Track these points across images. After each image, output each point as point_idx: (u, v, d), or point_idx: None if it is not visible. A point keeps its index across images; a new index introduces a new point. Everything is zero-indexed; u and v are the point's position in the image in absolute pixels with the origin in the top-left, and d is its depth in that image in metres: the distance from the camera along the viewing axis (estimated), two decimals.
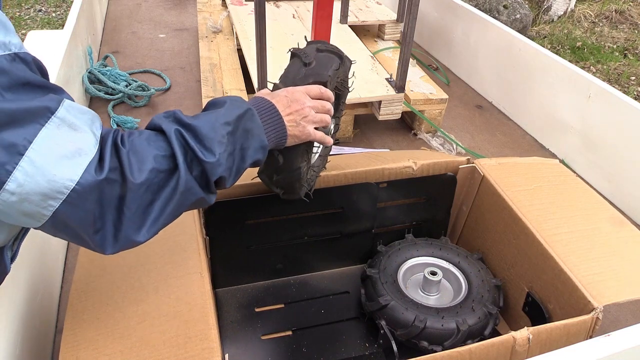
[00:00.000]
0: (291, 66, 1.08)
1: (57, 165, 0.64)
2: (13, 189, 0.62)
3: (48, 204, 0.65)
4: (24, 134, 0.62)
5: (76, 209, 0.67)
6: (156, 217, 0.74)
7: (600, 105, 2.01)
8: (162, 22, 3.35)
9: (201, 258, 1.13)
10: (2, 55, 0.61)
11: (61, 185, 0.65)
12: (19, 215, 0.66)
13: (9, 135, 0.61)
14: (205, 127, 0.77)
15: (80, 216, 0.68)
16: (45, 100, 0.65)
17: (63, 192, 0.65)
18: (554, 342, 1.02)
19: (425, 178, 1.44)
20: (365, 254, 1.48)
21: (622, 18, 4.81)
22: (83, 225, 0.69)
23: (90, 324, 0.99)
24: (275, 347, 1.27)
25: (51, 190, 0.64)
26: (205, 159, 0.76)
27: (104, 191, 0.68)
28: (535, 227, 1.25)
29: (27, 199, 0.64)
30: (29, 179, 0.62)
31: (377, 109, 2.09)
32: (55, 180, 0.64)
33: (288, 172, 1.06)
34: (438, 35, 3.03)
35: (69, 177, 0.65)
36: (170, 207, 0.75)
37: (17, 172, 0.62)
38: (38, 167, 0.63)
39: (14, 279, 1.09)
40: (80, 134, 0.67)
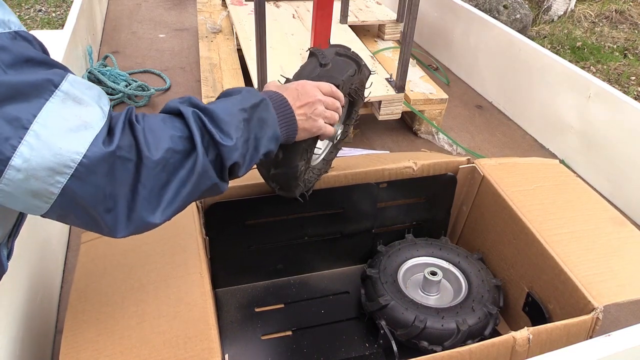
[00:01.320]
0: (307, 64, 1.08)
1: (63, 138, 0.62)
2: (19, 165, 0.60)
3: (56, 180, 0.63)
4: (28, 108, 0.60)
5: (85, 184, 0.65)
6: (171, 198, 0.73)
7: (600, 105, 2.01)
8: (162, 22, 3.35)
9: (201, 258, 1.13)
10: (3, 33, 0.61)
11: (68, 158, 0.63)
12: (27, 196, 0.63)
13: (13, 110, 0.59)
14: (222, 111, 0.76)
15: (90, 192, 0.66)
16: (48, 73, 0.63)
17: (70, 165, 0.63)
18: (554, 342, 1.02)
19: (425, 178, 1.44)
20: (365, 254, 1.48)
21: (622, 18, 4.81)
22: (93, 203, 0.67)
23: (90, 324, 0.99)
24: (275, 347, 1.27)
25: (58, 164, 0.62)
26: (223, 142, 0.75)
27: (115, 167, 0.66)
28: (535, 227, 1.25)
29: (34, 175, 0.61)
30: (35, 153, 0.61)
31: (377, 109, 2.09)
32: (62, 154, 0.62)
33: (285, 168, 1.05)
34: (438, 35, 3.03)
35: (76, 149, 0.63)
36: (186, 190, 0.73)
37: (23, 146, 0.60)
38: (43, 141, 0.61)
39: (13, 279, 1.09)
40: (86, 108, 0.66)
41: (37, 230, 1.26)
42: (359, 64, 1.12)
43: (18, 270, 1.12)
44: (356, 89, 1.14)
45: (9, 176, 0.60)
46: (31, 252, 1.23)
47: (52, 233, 1.47)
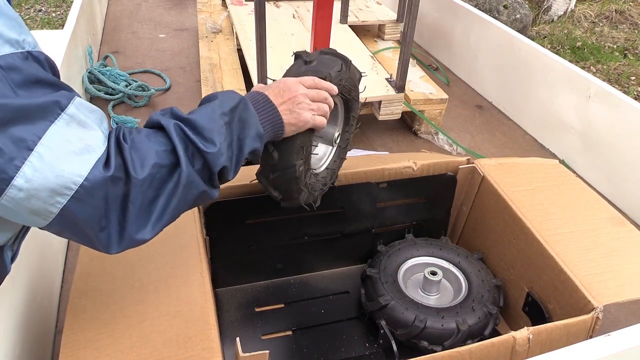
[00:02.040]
0: (293, 66, 1.07)
1: (66, 161, 0.64)
2: (21, 185, 0.62)
3: (56, 200, 0.65)
4: (33, 129, 0.62)
5: (84, 205, 0.67)
6: (160, 213, 0.74)
7: (600, 105, 2.02)
8: (162, 22, 3.35)
9: (201, 258, 1.13)
10: (15, 53, 0.62)
11: (69, 180, 0.65)
12: (26, 213, 0.65)
13: (19, 131, 0.61)
14: (203, 119, 0.77)
15: (87, 213, 0.68)
16: (56, 96, 0.65)
17: (71, 187, 0.65)
18: (554, 342, 1.02)
19: (425, 178, 1.44)
20: (365, 254, 1.48)
21: (622, 18, 4.81)
22: (89, 223, 0.69)
23: (90, 324, 0.99)
24: (275, 347, 1.27)
25: (59, 186, 0.64)
26: (207, 149, 0.75)
27: (109, 188, 0.68)
28: (535, 227, 1.25)
29: (35, 195, 0.63)
30: (38, 174, 0.62)
31: (377, 109, 2.09)
32: (64, 176, 0.64)
33: (283, 169, 1.03)
34: (438, 35, 3.03)
35: (78, 172, 0.65)
36: (174, 203, 0.75)
37: (26, 167, 0.61)
38: (47, 163, 0.62)
39: (14, 279, 1.09)
40: (89, 132, 0.68)
41: (37, 231, 1.25)
42: (345, 61, 1.10)
43: (18, 270, 1.12)
44: (348, 88, 1.12)
45: (10, 194, 0.62)
46: (31, 252, 1.23)
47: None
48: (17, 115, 0.60)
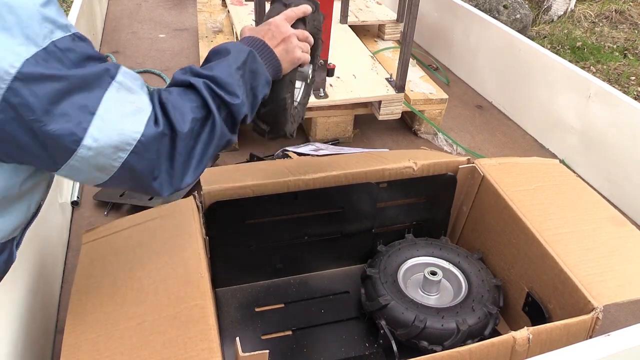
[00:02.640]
0: (273, 9, 1.13)
1: (123, 121, 0.74)
2: (90, 144, 0.71)
3: (118, 155, 0.75)
4: (91, 96, 0.71)
5: (141, 158, 0.77)
6: (198, 161, 0.85)
7: (600, 105, 2.01)
8: (162, 22, 3.35)
9: (201, 258, 1.13)
10: (67, 35, 0.70)
11: (129, 137, 0.74)
12: (92, 170, 0.75)
13: (80, 99, 0.70)
14: (224, 75, 0.87)
15: (144, 165, 0.78)
16: (105, 66, 0.74)
17: (131, 143, 0.75)
18: (554, 342, 1.02)
19: (425, 178, 1.44)
20: (365, 254, 1.48)
21: (622, 18, 4.81)
22: (145, 174, 0.79)
23: (90, 325, 0.99)
24: (275, 347, 1.27)
25: (121, 143, 0.74)
26: (232, 102, 0.86)
27: (160, 142, 0.78)
28: (535, 227, 1.25)
29: (102, 152, 0.73)
30: (103, 134, 0.72)
31: (377, 109, 2.09)
32: (124, 133, 0.74)
33: (274, 103, 1.09)
34: (438, 35, 3.03)
35: (135, 130, 0.75)
36: (209, 151, 0.86)
37: (92, 128, 0.71)
38: (109, 123, 0.72)
39: (14, 279, 1.09)
40: (137, 96, 0.78)
41: (37, 230, 1.26)
42: (315, 4, 1.17)
43: (18, 270, 1.12)
44: (317, 29, 1.20)
45: (80, 154, 0.71)
46: (31, 252, 1.23)
47: (52, 233, 1.47)
48: (77, 85, 0.69)
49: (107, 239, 1.23)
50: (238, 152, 2.08)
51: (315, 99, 1.97)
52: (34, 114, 0.66)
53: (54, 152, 0.71)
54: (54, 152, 0.71)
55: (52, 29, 0.68)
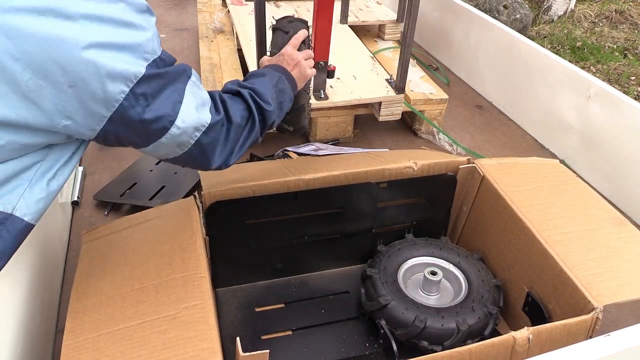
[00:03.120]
0: (276, 37, 1.41)
1: (198, 109, 0.95)
2: (179, 124, 0.91)
3: (195, 135, 0.96)
4: (178, 89, 0.91)
5: (208, 137, 0.98)
6: (240, 147, 1.07)
7: (600, 105, 2.01)
8: (162, 22, 3.35)
9: (201, 258, 1.13)
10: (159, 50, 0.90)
11: (204, 120, 0.96)
12: (173, 146, 0.95)
13: (171, 90, 0.90)
14: (262, 89, 1.13)
15: (209, 143, 0.99)
16: (183, 66, 0.95)
17: (204, 125, 0.96)
18: (554, 342, 1.02)
19: (425, 178, 1.44)
20: (365, 254, 1.48)
21: (622, 18, 4.81)
22: (209, 150, 1.00)
23: (90, 324, 0.99)
24: (275, 347, 1.27)
25: (199, 124, 0.95)
26: (268, 108, 1.11)
27: (221, 128, 1.01)
28: (535, 227, 1.26)
29: (186, 131, 0.93)
30: (188, 117, 0.92)
31: (377, 109, 2.09)
32: (201, 118, 0.96)
33: (296, 109, 1.41)
34: (438, 35, 3.03)
35: (206, 115, 0.97)
36: (247, 143, 1.09)
37: (181, 112, 0.91)
38: (191, 109, 0.93)
39: (14, 279, 1.09)
40: (202, 91, 0.99)
41: (37, 230, 1.26)
42: (306, 24, 1.45)
43: (19, 270, 1.12)
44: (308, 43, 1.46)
45: (171, 132, 0.91)
46: (31, 252, 1.23)
47: (52, 233, 1.47)
48: (169, 80, 0.89)
49: (107, 239, 1.23)
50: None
51: (316, 100, 1.97)
52: (147, 101, 0.86)
53: (151, 131, 0.89)
54: (151, 131, 0.89)
55: (159, 42, 0.89)
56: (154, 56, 0.87)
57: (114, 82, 0.80)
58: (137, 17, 0.85)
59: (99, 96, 0.80)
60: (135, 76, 0.83)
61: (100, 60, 0.78)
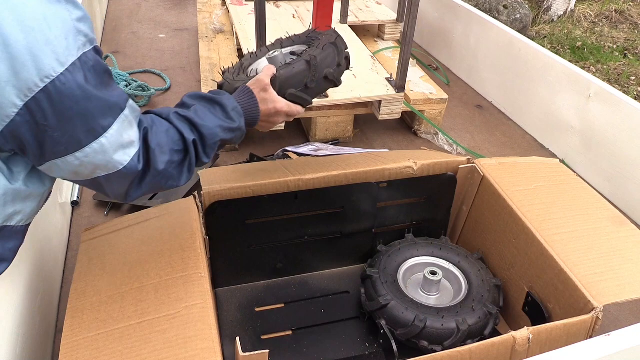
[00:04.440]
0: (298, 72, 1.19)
1: (116, 151, 0.84)
2: (79, 157, 0.81)
3: (97, 173, 0.85)
4: (103, 123, 0.80)
5: (112, 182, 0.88)
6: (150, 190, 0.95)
7: (600, 105, 2.01)
8: (162, 22, 3.35)
9: (201, 258, 1.13)
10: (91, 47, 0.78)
11: (113, 166, 0.85)
12: (69, 173, 0.84)
13: (91, 123, 0.79)
14: (210, 137, 0.98)
15: (112, 186, 0.89)
16: (119, 97, 0.84)
17: (112, 169, 0.85)
18: (554, 342, 1.02)
19: (425, 178, 1.44)
20: (365, 254, 1.48)
21: (622, 18, 4.81)
22: (109, 192, 0.91)
23: (90, 323, 0.99)
24: (275, 347, 1.27)
25: (105, 166, 0.84)
26: (204, 160, 1.00)
27: (135, 176, 0.89)
28: (535, 226, 1.25)
29: (84, 165, 0.82)
30: (94, 155, 0.81)
31: (377, 108, 2.09)
32: (110, 162, 0.84)
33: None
34: (438, 35, 3.03)
35: (121, 161, 0.85)
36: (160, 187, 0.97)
37: (88, 148, 0.80)
38: (105, 151, 0.82)
39: (14, 279, 1.09)
40: (133, 130, 0.87)
41: (37, 230, 1.26)
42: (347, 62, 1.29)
43: (18, 270, 1.12)
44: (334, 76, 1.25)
45: (68, 159, 0.80)
46: (31, 252, 1.23)
47: (52, 233, 1.47)
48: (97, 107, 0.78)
49: (106, 238, 1.23)
50: (238, 152, 2.08)
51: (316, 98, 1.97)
52: (46, 121, 0.74)
53: (46, 152, 0.79)
54: (47, 152, 0.79)
55: (84, 42, 0.76)
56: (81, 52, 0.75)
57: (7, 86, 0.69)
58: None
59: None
60: (35, 84, 0.71)
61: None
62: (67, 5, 0.75)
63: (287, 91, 1.17)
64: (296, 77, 1.18)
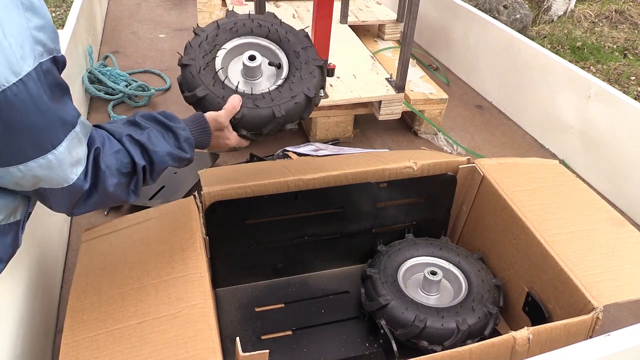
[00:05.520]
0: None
1: (62, 168, 0.81)
2: (23, 170, 0.78)
3: (40, 185, 0.82)
4: (52, 139, 0.78)
5: (56, 197, 0.85)
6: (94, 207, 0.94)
7: (600, 105, 2.01)
8: (162, 22, 3.35)
9: (201, 258, 1.13)
10: (49, 58, 0.76)
11: (57, 182, 0.82)
12: (10, 183, 0.81)
13: (40, 138, 0.76)
14: (160, 164, 0.99)
15: (57, 200, 0.87)
16: (71, 113, 0.81)
17: (56, 185, 0.83)
18: (554, 342, 1.02)
19: (425, 178, 1.44)
20: (365, 254, 1.48)
21: (622, 18, 4.81)
22: (52, 205, 0.89)
23: (90, 323, 0.99)
24: (275, 347, 1.27)
25: (49, 181, 0.82)
26: (149, 183, 1.00)
27: (81, 193, 0.87)
28: (535, 227, 1.25)
29: (26, 177, 0.79)
30: (39, 170, 0.79)
31: (377, 109, 2.09)
32: (55, 178, 0.82)
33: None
34: (438, 35, 3.03)
35: (66, 178, 0.83)
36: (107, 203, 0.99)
37: (33, 162, 0.77)
38: (51, 167, 0.80)
39: (14, 278, 1.09)
40: (82, 147, 0.85)
41: (37, 230, 1.26)
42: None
43: (18, 270, 1.12)
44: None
45: (11, 170, 0.77)
46: (31, 252, 1.23)
47: (52, 233, 1.47)
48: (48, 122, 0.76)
49: (107, 238, 1.23)
50: (238, 152, 2.07)
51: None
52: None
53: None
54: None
55: (42, 51, 0.74)
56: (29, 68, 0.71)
57: None
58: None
59: None
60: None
61: None
62: (25, 13, 0.72)
63: (241, 131, 1.16)
64: (256, 123, 1.16)
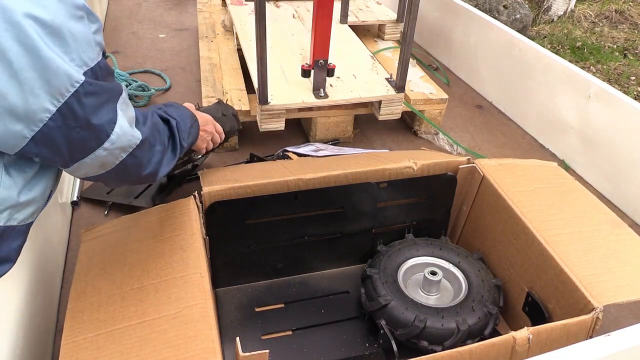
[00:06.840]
0: (214, 107, 1.66)
1: (129, 128, 0.92)
2: (107, 146, 0.88)
3: (121, 155, 0.93)
4: (112, 108, 0.88)
5: (133, 158, 0.96)
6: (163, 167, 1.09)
7: (600, 105, 2.01)
8: (162, 22, 3.35)
9: (201, 258, 1.13)
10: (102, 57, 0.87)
11: (132, 141, 0.94)
12: (96, 166, 0.91)
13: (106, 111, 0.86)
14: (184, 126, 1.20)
15: (133, 163, 0.97)
16: (118, 83, 0.92)
17: (132, 146, 0.94)
18: (554, 342, 1.02)
19: (425, 178, 1.44)
20: (365, 254, 1.48)
21: (622, 18, 4.81)
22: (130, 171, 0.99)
23: (89, 324, 0.99)
24: (275, 347, 1.27)
25: (127, 145, 0.93)
26: (184, 144, 1.18)
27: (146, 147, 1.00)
28: (536, 227, 1.25)
29: (112, 153, 0.90)
30: (119, 139, 0.89)
31: (377, 109, 2.09)
32: (129, 137, 0.93)
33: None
34: (438, 35, 3.03)
35: (137, 136, 0.95)
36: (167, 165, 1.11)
37: (113, 134, 0.88)
38: (124, 131, 0.90)
39: (14, 279, 1.09)
40: (130, 108, 0.96)
41: (37, 230, 1.26)
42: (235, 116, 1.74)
43: (18, 270, 1.12)
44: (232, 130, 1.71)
45: (97, 153, 0.88)
46: (31, 252, 1.23)
47: (52, 233, 1.47)
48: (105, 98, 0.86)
49: (106, 238, 1.23)
50: (238, 152, 2.08)
51: (316, 99, 1.97)
52: (77, 122, 0.81)
53: (75, 152, 0.86)
54: (75, 152, 0.85)
55: (99, 50, 0.85)
56: (94, 62, 0.82)
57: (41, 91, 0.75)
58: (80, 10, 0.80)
59: (18, 111, 0.75)
60: (66, 89, 0.78)
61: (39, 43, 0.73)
62: (88, 21, 0.83)
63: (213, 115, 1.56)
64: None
